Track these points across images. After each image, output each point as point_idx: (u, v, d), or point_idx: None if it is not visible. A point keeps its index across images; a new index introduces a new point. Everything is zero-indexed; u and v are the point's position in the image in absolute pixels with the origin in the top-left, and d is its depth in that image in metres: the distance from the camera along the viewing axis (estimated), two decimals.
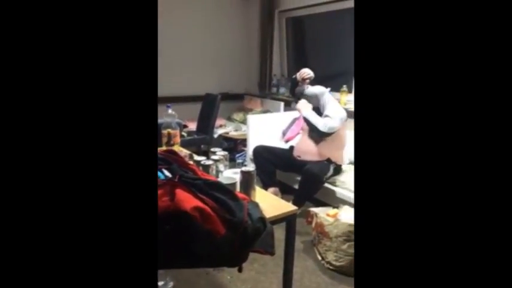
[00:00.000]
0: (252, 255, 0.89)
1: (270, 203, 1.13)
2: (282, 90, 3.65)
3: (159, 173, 0.91)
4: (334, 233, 1.70)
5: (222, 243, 0.83)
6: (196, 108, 3.27)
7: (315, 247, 1.86)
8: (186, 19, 3.55)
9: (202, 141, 3.04)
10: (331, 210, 1.87)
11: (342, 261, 1.69)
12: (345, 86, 2.81)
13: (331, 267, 1.73)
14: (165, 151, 1.04)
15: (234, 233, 0.84)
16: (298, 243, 1.93)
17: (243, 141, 3.23)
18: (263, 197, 1.17)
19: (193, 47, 3.64)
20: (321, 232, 1.77)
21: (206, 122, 3.06)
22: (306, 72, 2.28)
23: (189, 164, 1.00)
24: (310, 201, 2.27)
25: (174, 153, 1.01)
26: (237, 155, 3.25)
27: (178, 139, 1.60)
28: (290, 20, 3.67)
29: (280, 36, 3.73)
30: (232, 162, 2.90)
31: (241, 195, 0.99)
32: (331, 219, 1.74)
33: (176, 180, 0.85)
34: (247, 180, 1.12)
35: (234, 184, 1.10)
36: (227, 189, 0.91)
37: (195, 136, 3.04)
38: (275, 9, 3.60)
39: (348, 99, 2.81)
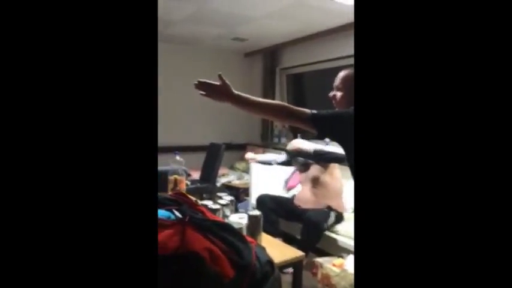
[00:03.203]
0: None
1: (276, 248, 1.12)
2: (283, 140, 3.76)
3: (170, 214, 0.92)
4: (342, 285, 1.64)
5: (229, 287, 0.82)
6: (199, 157, 3.33)
7: None
8: (193, 73, 3.80)
9: (205, 189, 3.05)
10: (336, 260, 1.82)
11: None
12: None
13: None
14: (175, 193, 1.06)
15: (242, 276, 0.83)
16: None
17: (245, 190, 3.23)
18: (269, 242, 1.17)
19: (198, 98, 3.83)
20: (328, 284, 1.71)
21: (209, 171, 3.10)
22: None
23: (198, 206, 1.01)
24: (313, 252, 2.21)
25: (184, 195, 1.03)
26: (239, 204, 3.22)
27: (184, 185, 1.63)
28: (291, 76, 3.91)
29: (281, 91, 3.94)
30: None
31: (248, 238, 0.99)
32: (337, 270, 1.69)
33: (186, 220, 0.87)
34: (254, 225, 1.13)
35: (241, 229, 1.11)
36: (236, 231, 0.91)
37: (198, 184, 3.05)
38: (276, 66, 3.85)
39: None
